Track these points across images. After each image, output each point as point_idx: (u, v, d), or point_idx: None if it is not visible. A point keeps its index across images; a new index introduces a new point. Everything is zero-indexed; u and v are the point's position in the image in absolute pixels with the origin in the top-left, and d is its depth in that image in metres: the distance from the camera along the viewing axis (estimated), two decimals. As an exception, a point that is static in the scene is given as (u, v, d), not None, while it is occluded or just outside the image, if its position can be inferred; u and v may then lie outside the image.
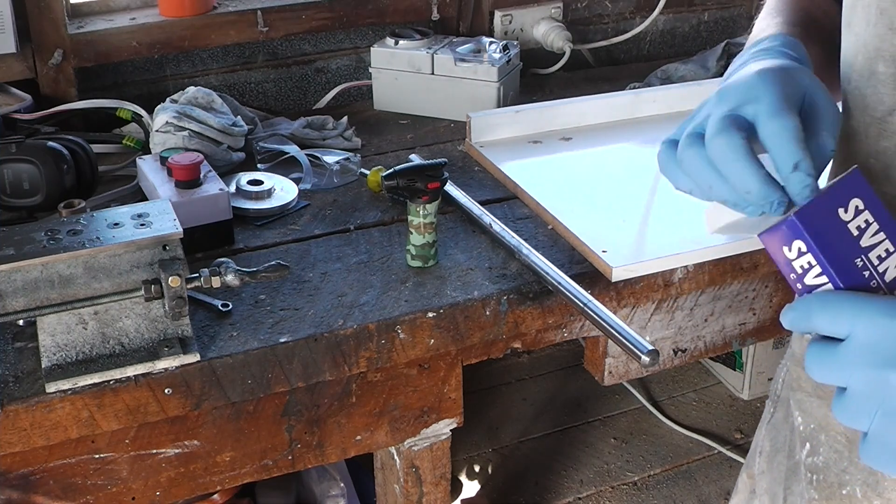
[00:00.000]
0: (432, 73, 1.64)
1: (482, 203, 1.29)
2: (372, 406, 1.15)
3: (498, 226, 1.22)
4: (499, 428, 2.24)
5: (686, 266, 1.19)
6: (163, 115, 1.36)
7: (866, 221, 0.59)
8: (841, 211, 0.59)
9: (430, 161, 1.18)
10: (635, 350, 0.96)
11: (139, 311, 0.99)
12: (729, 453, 2.16)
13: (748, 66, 0.69)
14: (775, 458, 0.92)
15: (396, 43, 1.65)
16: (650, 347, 0.95)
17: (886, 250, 0.59)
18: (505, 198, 1.35)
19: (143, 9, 1.67)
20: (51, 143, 1.25)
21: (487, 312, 1.11)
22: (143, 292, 0.96)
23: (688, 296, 1.23)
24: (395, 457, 1.25)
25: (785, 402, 0.92)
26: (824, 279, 0.59)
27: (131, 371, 0.97)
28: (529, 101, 1.63)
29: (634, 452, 2.17)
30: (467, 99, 1.60)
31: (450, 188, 1.30)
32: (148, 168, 1.28)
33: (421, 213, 1.14)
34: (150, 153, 1.39)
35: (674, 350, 1.29)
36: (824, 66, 0.77)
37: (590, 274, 1.16)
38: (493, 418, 2.26)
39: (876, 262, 0.59)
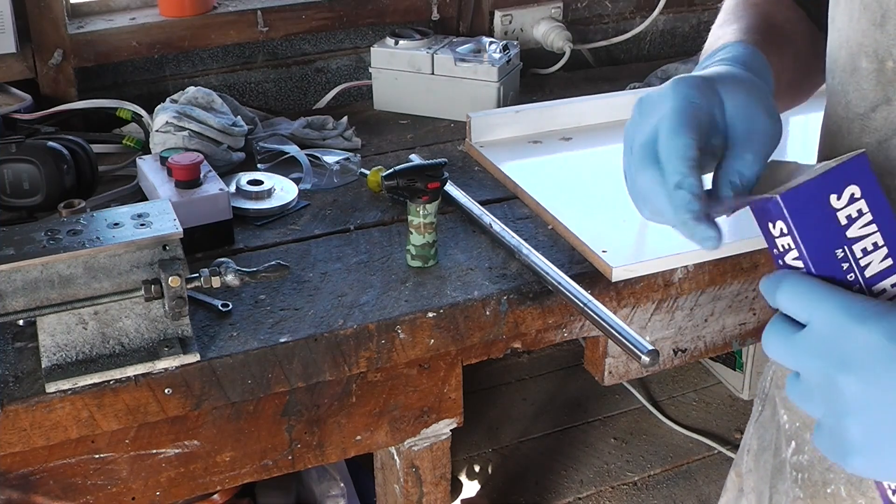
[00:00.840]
0: (432, 73, 1.64)
1: (482, 203, 1.29)
2: (372, 406, 1.15)
3: (498, 226, 1.22)
4: (499, 428, 2.24)
5: (686, 266, 1.19)
6: (163, 115, 1.36)
7: (859, 211, 0.58)
8: (833, 197, 0.58)
9: (430, 161, 1.18)
10: (635, 350, 0.96)
11: (139, 311, 0.99)
12: (729, 453, 2.16)
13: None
14: (762, 457, 0.92)
15: (396, 43, 1.65)
16: (650, 347, 0.95)
17: (874, 244, 0.58)
18: (505, 198, 1.35)
19: (143, 9, 1.67)
20: (51, 143, 1.25)
21: (487, 312, 1.11)
22: (143, 292, 0.96)
23: (688, 296, 1.23)
24: (395, 457, 1.25)
25: (772, 401, 0.92)
26: (800, 263, 0.58)
27: (131, 371, 0.97)
28: (529, 101, 1.63)
29: (634, 452, 2.17)
30: (467, 99, 1.60)
31: (450, 188, 1.30)
32: (148, 168, 1.28)
33: (421, 213, 1.14)
34: (150, 153, 1.39)
35: (674, 350, 1.29)
36: (784, 73, 0.77)
37: (590, 274, 1.16)
38: (493, 418, 2.26)
39: (860, 254, 0.58)
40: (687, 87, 0.64)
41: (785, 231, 0.58)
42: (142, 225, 0.99)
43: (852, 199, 0.58)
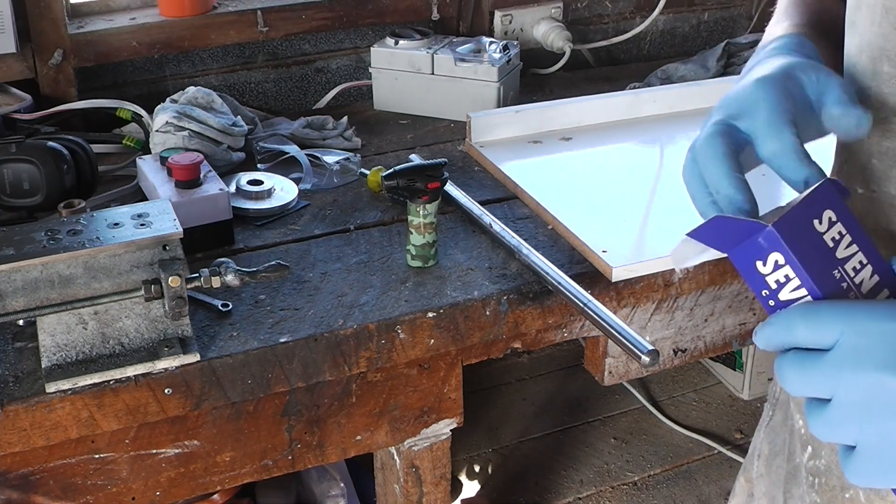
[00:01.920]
0: (432, 73, 1.64)
1: (482, 203, 1.29)
2: (372, 406, 1.15)
3: (498, 226, 1.22)
4: (499, 428, 2.24)
5: (686, 266, 1.19)
6: (163, 115, 1.36)
7: (839, 233, 0.58)
8: (816, 222, 0.57)
9: (430, 161, 1.18)
10: (635, 350, 0.96)
11: (139, 311, 0.99)
12: (729, 453, 2.16)
13: (752, 72, 0.69)
14: (774, 462, 0.92)
15: (396, 43, 1.65)
16: (650, 347, 0.95)
17: (860, 262, 0.58)
18: (505, 198, 1.35)
19: (143, 9, 1.67)
20: (51, 143, 1.25)
21: (487, 312, 1.11)
22: (143, 292, 0.96)
23: (688, 296, 1.23)
24: (395, 457, 1.25)
25: (784, 405, 0.91)
26: (803, 292, 0.57)
27: (131, 371, 0.97)
28: (529, 101, 1.63)
29: (634, 452, 2.17)
30: (467, 99, 1.60)
31: (450, 188, 1.30)
32: (148, 168, 1.28)
33: (421, 213, 1.14)
34: (150, 153, 1.39)
35: (674, 350, 1.29)
36: (836, 63, 0.77)
37: (590, 274, 1.16)
38: (493, 418, 2.26)
39: (852, 273, 0.58)
40: (773, 84, 0.65)
41: (781, 262, 0.57)
42: (142, 225, 0.99)
43: (831, 223, 0.58)
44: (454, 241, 1.23)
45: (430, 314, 1.09)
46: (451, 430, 1.23)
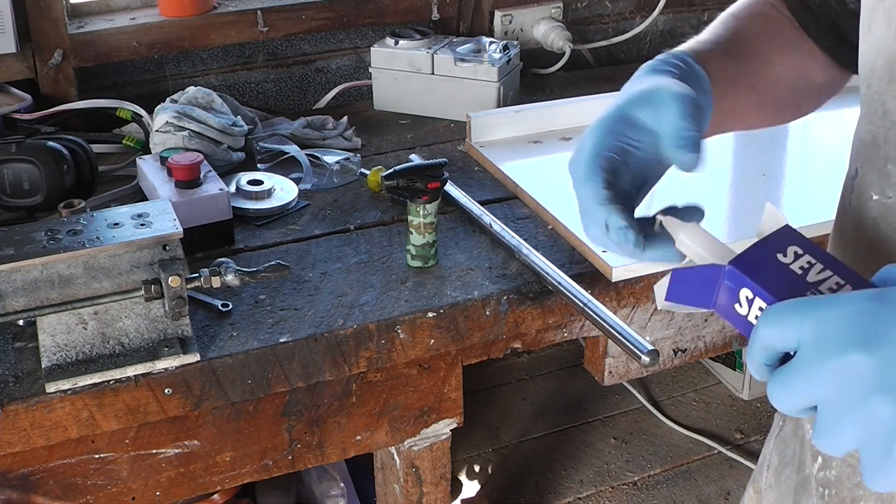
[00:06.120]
0: (432, 73, 1.64)
1: (482, 203, 1.29)
2: (372, 406, 1.15)
3: (498, 226, 1.22)
4: (499, 428, 2.24)
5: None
6: (163, 115, 1.36)
7: (808, 262, 0.56)
8: (780, 255, 0.56)
9: (430, 161, 1.18)
10: (635, 350, 0.96)
11: (139, 311, 0.99)
12: (729, 453, 2.16)
13: (616, 98, 0.73)
14: (783, 472, 0.91)
15: (396, 43, 1.65)
16: (650, 347, 0.95)
17: (837, 283, 0.55)
18: (505, 198, 1.35)
19: (143, 9, 1.67)
20: (51, 143, 1.25)
21: (487, 312, 1.11)
22: (143, 292, 0.96)
23: (688, 296, 1.23)
24: (395, 457, 1.25)
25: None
26: None
27: (131, 371, 0.97)
28: (529, 101, 1.63)
29: (634, 452, 2.17)
30: (467, 99, 1.60)
31: (450, 188, 1.30)
32: (148, 168, 1.28)
33: (421, 213, 1.14)
34: (150, 153, 1.39)
35: (674, 350, 1.29)
36: (744, 78, 0.81)
37: (590, 274, 1.16)
38: (493, 418, 2.26)
39: (828, 292, 0.55)
40: (603, 127, 0.70)
41: (750, 296, 0.55)
42: (142, 225, 0.99)
43: (797, 255, 0.56)
44: (454, 241, 1.23)
45: (430, 314, 1.09)
46: (451, 430, 1.23)
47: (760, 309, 0.55)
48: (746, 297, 0.55)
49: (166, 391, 0.99)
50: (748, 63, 0.82)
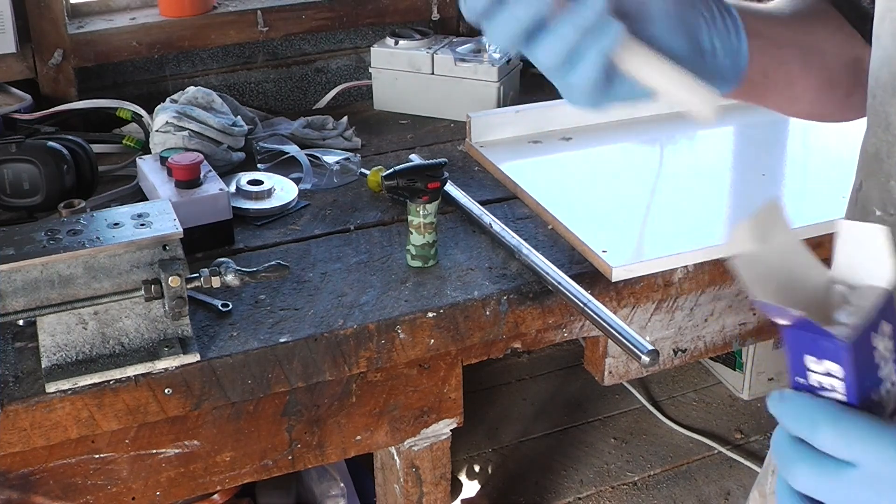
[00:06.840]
0: (432, 73, 1.64)
1: (482, 203, 1.29)
2: (372, 406, 1.15)
3: (498, 226, 1.22)
4: (499, 428, 2.24)
5: (686, 266, 1.19)
6: (163, 115, 1.36)
7: (888, 350, 0.54)
8: (874, 335, 0.54)
9: (430, 161, 1.18)
10: (635, 350, 0.96)
11: (139, 311, 0.99)
12: (729, 453, 2.16)
13: None
14: None
15: (396, 43, 1.65)
16: (650, 347, 0.95)
17: (892, 382, 0.54)
18: (505, 198, 1.35)
19: (143, 9, 1.67)
20: (51, 143, 1.25)
21: (487, 312, 1.11)
22: (143, 292, 0.96)
23: (688, 296, 1.23)
24: (395, 457, 1.25)
25: None
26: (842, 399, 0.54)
27: (131, 371, 0.97)
28: (529, 101, 1.63)
29: (634, 452, 2.17)
30: (467, 99, 1.60)
31: (450, 188, 1.30)
32: (148, 168, 1.28)
33: (421, 213, 1.14)
34: (150, 153, 1.39)
35: (674, 350, 1.29)
36: (783, 41, 0.76)
37: (590, 274, 1.16)
38: (493, 418, 2.26)
39: (884, 394, 0.54)
40: None
41: (839, 375, 0.53)
42: (142, 225, 0.99)
43: (886, 336, 0.54)
44: (454, 241, 1.23)
45: (430, 314, 1.08)
46: (451, 430, 1.23)
47: (832, 386, 0.53)
48: (830, 371, 0.53)
49: (166, 391, 0.99)
50: (796, 30, 0.77)
